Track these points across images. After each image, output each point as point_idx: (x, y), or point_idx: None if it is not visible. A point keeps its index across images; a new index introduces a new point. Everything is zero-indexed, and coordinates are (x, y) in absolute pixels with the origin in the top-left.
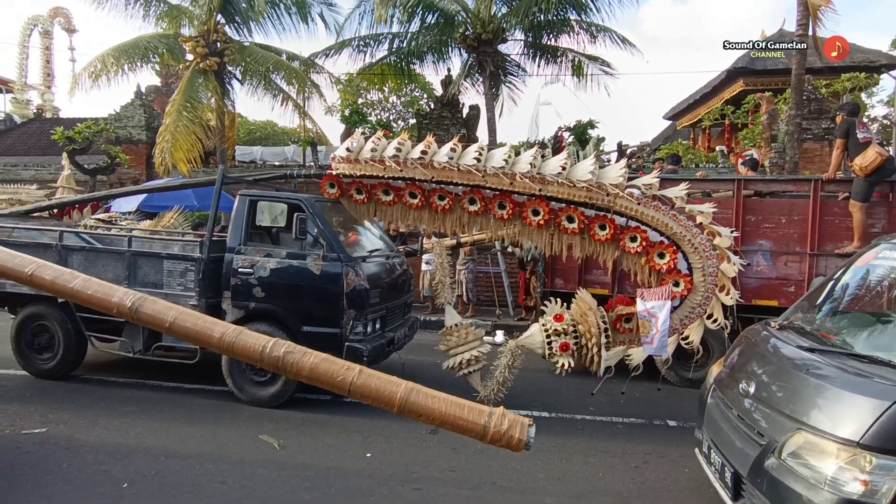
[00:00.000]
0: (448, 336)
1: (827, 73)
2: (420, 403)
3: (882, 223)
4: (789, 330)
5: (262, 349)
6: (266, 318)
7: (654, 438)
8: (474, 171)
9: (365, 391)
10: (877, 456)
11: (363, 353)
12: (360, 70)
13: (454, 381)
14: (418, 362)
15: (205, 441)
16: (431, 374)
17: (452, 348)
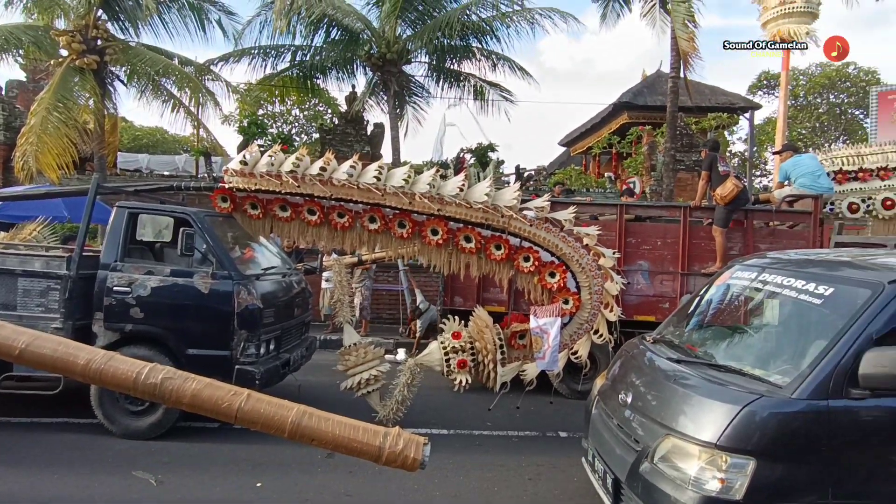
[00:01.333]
0: (346, 356)
1: (696, 111)
2: (313, 427)
3: (739, 246)
4: (661, 343)
5: (135, 376)
6: (145, 341)
7: (547, 450)
8: (374, 189)
9: (253, 417)
10: (731, 455)
11: (255, 376)
12: (260, 80)
13: (354, 402)
14: (316, 383)
15: (65, 483)
16: (330, 395)
17: (351, 368)
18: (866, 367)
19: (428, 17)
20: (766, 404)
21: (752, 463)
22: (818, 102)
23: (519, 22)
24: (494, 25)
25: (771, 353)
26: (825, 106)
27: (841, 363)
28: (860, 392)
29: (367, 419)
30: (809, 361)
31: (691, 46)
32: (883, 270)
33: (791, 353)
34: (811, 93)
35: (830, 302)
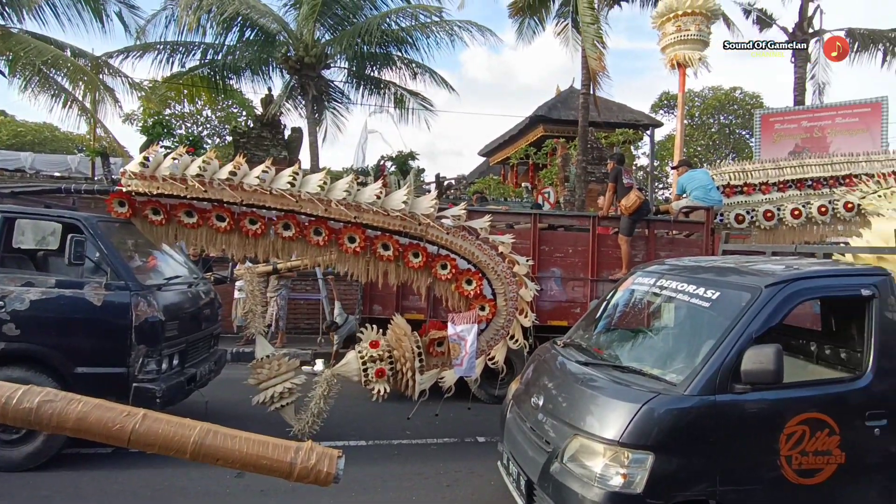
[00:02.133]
0: (259, 369)
1: (605, 126)
2: (218, 446)
3: (642, 254)
4: (571, 347)
5: (4, 401)
6: (22, 361)
7: (465, 456)
8: (288, 195)
9: (150, 439)
10: (632, 451)
11: (156, 394)
12: (167, 78)
13: (268, 417)
14: (227, 399)
15: None
16: (242, 411)
17: (263, 382)
18: (747, 364)
19: (347, 22)
20: (663, 401)
21: (651, 457)
22: (711, 122)
23: (438, 33)
24: (414, 35)
25: (668, 353)
26: (717, 126)
27: (726, 361)
28: (743, 387)
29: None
30: (699, 360)
31: (600, 65)
32: (761, 275)
33: (685, 353)
34: (705, 113)
35: (717, 305)
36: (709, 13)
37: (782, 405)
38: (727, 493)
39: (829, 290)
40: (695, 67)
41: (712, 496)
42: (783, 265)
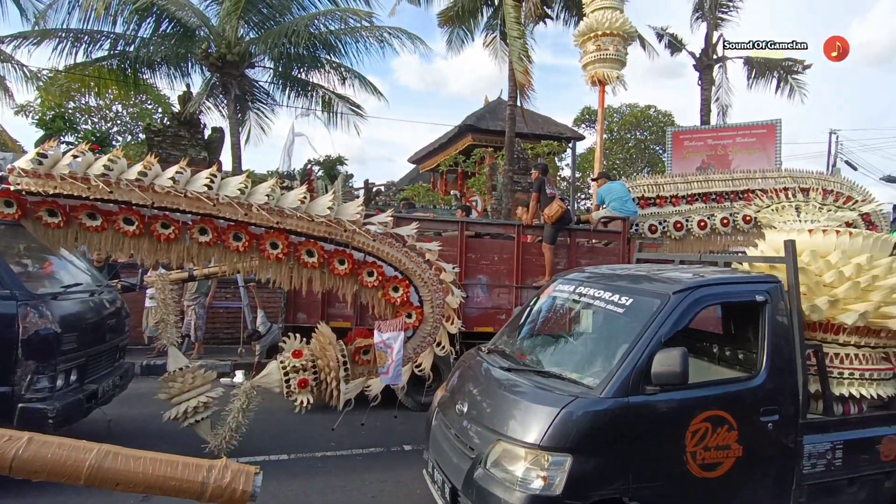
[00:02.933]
0: (170, 382)
1: (531, 138)
2: (118, 469)
3: (564, 261)
4: (495, 353)
5: None
6: None
7: (391, 465)
8: (205, 198)
9: (36, 465)
10: (552, 454)
11: (47, 415)
12: (69, 68)
13: (181, 434)
14: (134, 417)
15: None
16: (152, 428)
17: (176, 396)
18: (656, 367)
19: (273, 21)
20: (580, 404)
21: (570, 459)
22: (628, 137)
23: (368, 38)
24: (343, 39)
25: (586, 358)
26: (633, 141)
27: (638, 364)
28: (653, 388)
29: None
30: (614, 364)
31: (525, 79)
32: (670, 283)
33: (601, 358)
34: (623, 129)
35: (630, 311)
36: (626, 35)
37: (687, 404)
38: (640, 490)
39: (728, 296)
40: (613, 85)
41: (626, 493)
42: (690, 273)
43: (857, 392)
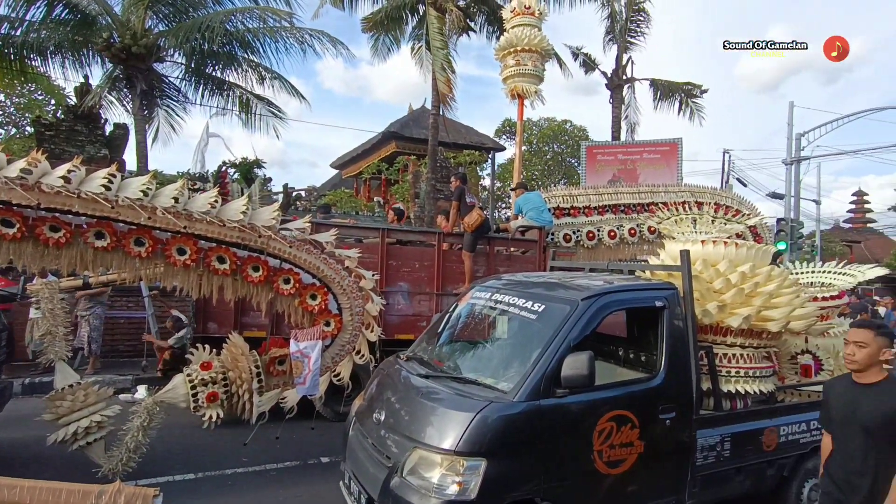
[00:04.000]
0: (58, 401)
1: (454, 147)
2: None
3: (483, 269)
4: (414, 360)
5: None
6: None
7: (308, 479)
8: (102, 200)
9: None
10: (467, 459)
11: None
12: None
13: (69, 458)
14: (14, 440)
15: None
16: (34, 453)
17: (64, 416)
18: (565, 370)
19: (185, 14)
20: (494, 409)
21: (484, 463)
22: (546, 150)
23: (288, 38)
24: (262, 38)
25: (501, 363)
26: (551, 153)
27: (549, 368)
28: (563, 391)
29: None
30: (526, 368)
31: (448, 88)
32: (579, 290)
33: (515, 363)
34: (541, 141)
35: (542, 317)
36: (543, 52)
37: (595, 405)
38: (551, 490)
39: (631, 302)
40: (531, 98)
41: (538, 493)
42: (597, 280)
43: (742, 388)
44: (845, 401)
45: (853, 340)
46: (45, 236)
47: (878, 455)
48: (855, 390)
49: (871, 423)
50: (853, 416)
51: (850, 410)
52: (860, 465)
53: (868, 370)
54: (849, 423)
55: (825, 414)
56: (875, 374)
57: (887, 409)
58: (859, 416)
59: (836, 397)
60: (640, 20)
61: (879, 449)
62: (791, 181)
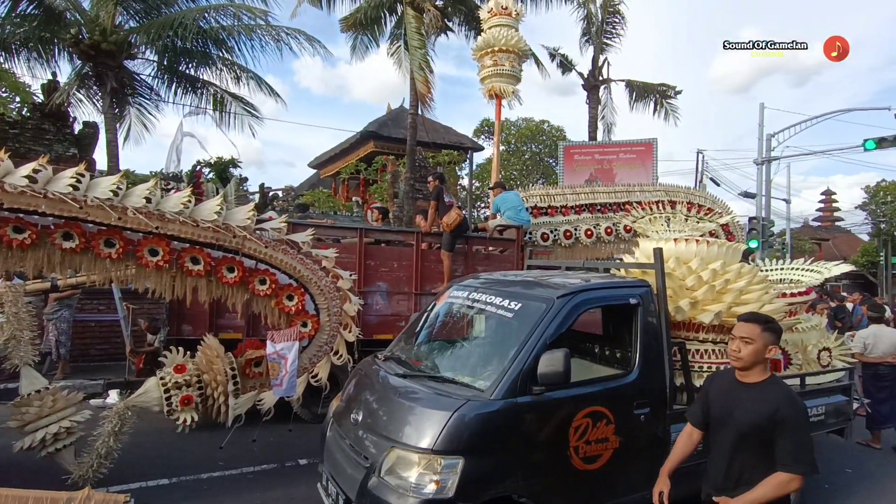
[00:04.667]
0: (24, 407)
1: (433, 147)
2: None
3: (462, 268)
4: (392, 360)
5: None
6: None
7: (285, 482)
8: (69, 200)
9: None
10: (444, 457)
11: None
12: None
13: (38, 466)
14: None
15: None
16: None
17: (31, 422)
18: (541, 367)
19: (157, 11)
20: (472, 407)
21: (461, 461)
22: (524, 150)
23: (263, 37)
24: (237, 36)
25: (478, 361)
26: (529, 153)
27: (525, 366)
28: (539, 388)
29: (56, 484)
30: (503, 366)
31: (426, 88)
32: (555, 288)
33: (492, 361)
34: (519, 141)
35: (519, 315)
36: (520, 52)
37: (571, 402)
38: (528, 487)
39: (606, 299)
40: (509, 99)
41: (515, 491)
42: (574, 279)
43: None
44: (724, 399)
45: (739, 335)
46: (8, 238)
47: (745, 459)
48: (736, 389)
49: (745, 426)
50: (730, 416)
51: (728, 410)
52: (726, 469)
53: (753, 368)
54: (724, 424)
55: (696, 409)
56: (758, 373)
57: (760, 413)
58: (735, 416)
59: (715, 394)
60: (615, 22)
61: (750, 453)
62: (762, 181)
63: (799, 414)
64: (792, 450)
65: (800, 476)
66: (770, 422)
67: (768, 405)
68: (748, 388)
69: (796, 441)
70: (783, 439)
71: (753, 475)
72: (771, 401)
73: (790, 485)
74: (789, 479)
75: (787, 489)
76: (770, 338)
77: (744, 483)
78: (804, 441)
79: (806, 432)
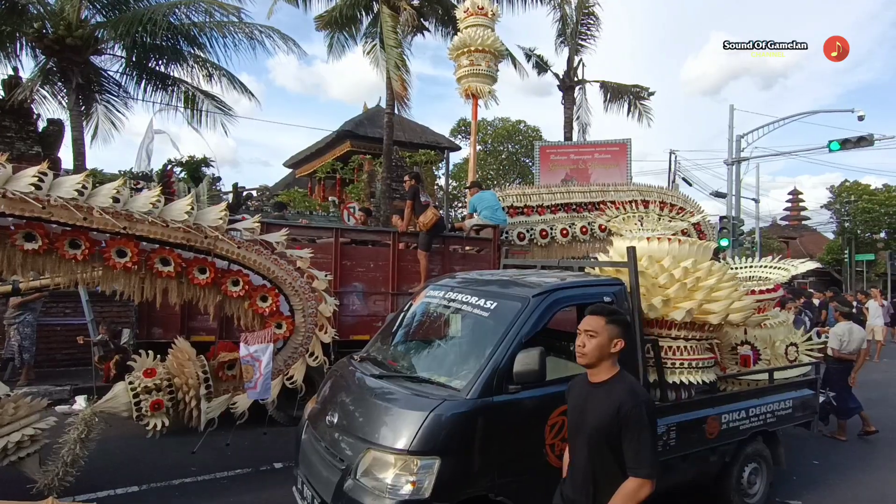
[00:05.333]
0: None
1: (409, 146)
2: None
3: (439, 268)
4: (368, 361)
5: None
6: None
7: (260, 486)
8: (31, 200)
9: None
10: (421, 458)
11: None
12: None
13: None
14: None
15: None
16: None
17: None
18: (517, 366)
19: (124, 5)
20: (448, 407)
21: (438, 461)
22: (501, 150)
23: (236, 34)
24: (208, 33)
25: (455, 361)
26: (505, 153)
27: (501, 364)
28: (515, 387)
29: (20, 493)
30: (479, 365)
31: (401, 87)
32: (530, 287)
33: (468, 360)
34: (496, 141)
35: (494, 314)
36: (496, 52)
37: (546, 400)
38: (505, 486)
39: (581, 298)
40: (485, 99)
41: (492, 490)
42: (550, 277)
43: (686, 379)
44: (577, 404)
45: (584, 329)
46: None
47: (599, 466)
48: (588, 391)
49: (593, 429)
50: (582, 421)
51: (580, 415)
52: (581, 479)
53: (599, 365)
54: (578, 431)
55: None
56: (605, 370)
57: (606, 413)
58: (586, 420)
59: (572, 400)
60: (590, 23)
61: (603, 458)
62: (732, 180)
63: (640, 409)
64: (634, 450)
65: (648, 481)
66: (615, 421)
67: (612, 403)
68: (597, 388)
69: (637, 439)
70: (626, 439)
71: (610, 484)
72: (615, 398)
73: (640, 491)
74: (638, 484)
75: (639, 497)
76: (615, 330)
77: (601, 493)
78: (645, 439)
79: (646, 429)
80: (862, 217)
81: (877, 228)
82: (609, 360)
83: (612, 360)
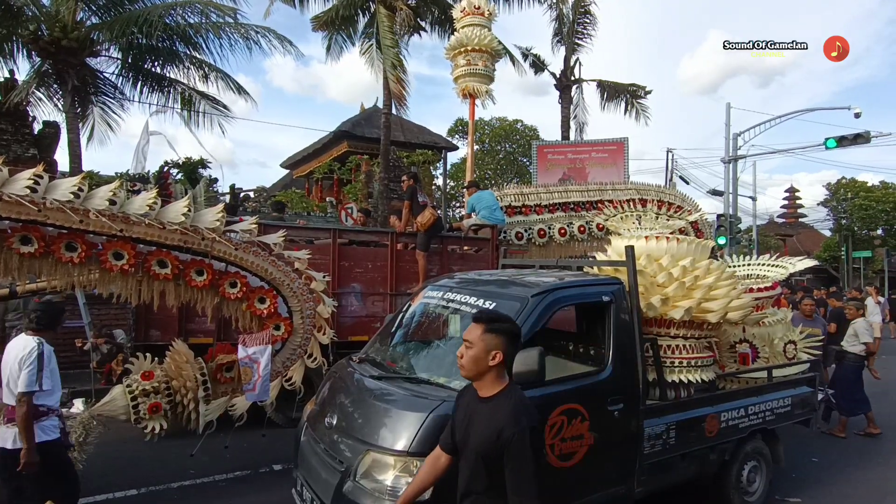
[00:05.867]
0: None
1: (407, 146)
2: None
3: (437, 268)
4: (366, 362)
5: None
6: None
7: (259, 488)
8: (27, 202)
9: None
10: (420, 459)
11: None
12: None
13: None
14: None
15: None
16: None
17: None
18: (516, 366)
19: (121, 7)
20: (447, 408)
21: None
22: (498, 149)
23: (232, 35)
24: (205, 34)
25: (454, 362)
26: (503, 153)
27: None
28: None
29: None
30: None
31: (398, 87)
32: (529, 287)
33: None
34: (493, 140)
35: None
36: (493, 52)
37: (546, 400)
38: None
39: (580, 297)
40: (482, 98)
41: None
42: (548, 277)
43: (685, 378)
44: (464, 415)
45: (464, 338)
46: None
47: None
48: (475, 405)
49: (474, 451)
50: (468, 436)
51: (465, 430)
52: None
53: (482, 379)
54: (464, 447)
55: (447, 428)
56: (490, 384)
57: (487, 435)
58: (470, 439)
59: (460, 411)
60: (586, 22)
61: (483, 484)
62: (729, 179)
63: (522, 436)
64: (516, 482)
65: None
66: (496, 445)
67: (495, 425)
68: (483, 403)
69: (518, 470)
70: (508, 467)
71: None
72: (497, 421)
73: None
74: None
75: None
76: (494, 341)
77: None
78: (526, 470)
79: (528, 459)
80: (859, 214)
81: (873, 225)
82: (491, 373)
83: (497, 374)
